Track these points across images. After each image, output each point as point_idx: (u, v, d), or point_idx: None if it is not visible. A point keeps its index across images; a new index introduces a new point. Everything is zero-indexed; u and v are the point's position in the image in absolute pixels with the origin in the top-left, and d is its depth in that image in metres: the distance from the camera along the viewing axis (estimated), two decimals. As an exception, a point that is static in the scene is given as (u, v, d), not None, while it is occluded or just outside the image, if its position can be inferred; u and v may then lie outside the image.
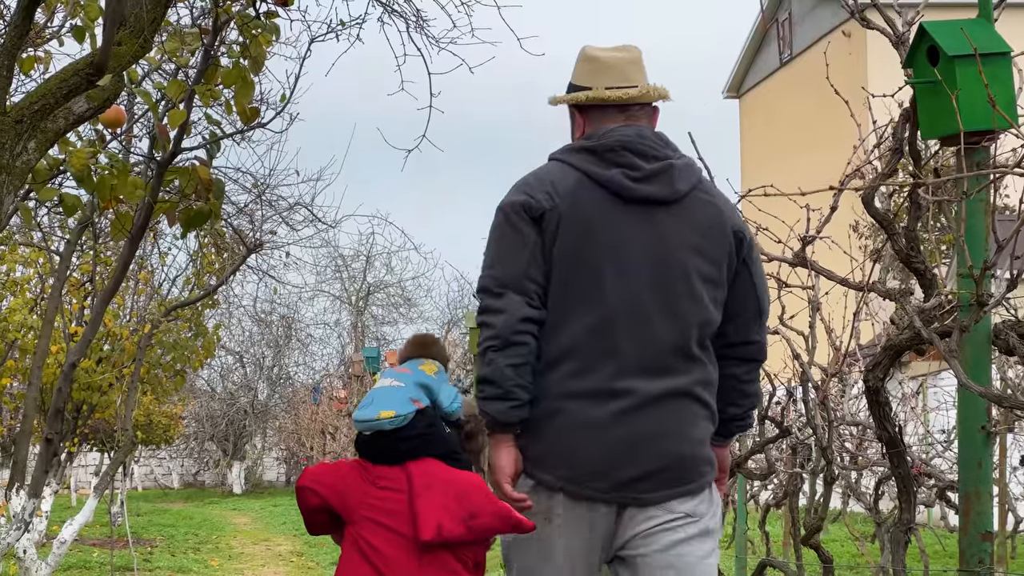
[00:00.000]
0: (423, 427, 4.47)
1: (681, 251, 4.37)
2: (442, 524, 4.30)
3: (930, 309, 4.56)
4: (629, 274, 4.33)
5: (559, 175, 4.41)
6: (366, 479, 4.44)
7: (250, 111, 6.32)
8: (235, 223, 12.17)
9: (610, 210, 4.35)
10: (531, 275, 4.30)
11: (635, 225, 4.35)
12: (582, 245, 4.33)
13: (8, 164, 4.36)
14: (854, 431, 9.70)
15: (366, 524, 4.37)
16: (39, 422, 11.07)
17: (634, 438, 4.28)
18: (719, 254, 4.41)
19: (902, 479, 4.99)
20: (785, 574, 6.97)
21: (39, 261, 12.19)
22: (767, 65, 43.22)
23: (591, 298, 4.32)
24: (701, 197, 4.45)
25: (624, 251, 4.34)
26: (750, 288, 4.49)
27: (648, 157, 4.40)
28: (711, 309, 4.40)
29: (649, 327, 4.32)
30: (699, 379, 4.40)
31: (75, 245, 9.76)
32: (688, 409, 4.37)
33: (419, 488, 4.36)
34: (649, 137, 4.45)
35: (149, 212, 6.67)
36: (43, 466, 8.84)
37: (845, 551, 18.56)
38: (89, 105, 4.72)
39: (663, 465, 4.31)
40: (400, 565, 4.28)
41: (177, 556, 19.33)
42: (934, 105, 4.43)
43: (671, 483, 4.34)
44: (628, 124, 4.48)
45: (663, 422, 4.32)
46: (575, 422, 4.29)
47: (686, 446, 4.37)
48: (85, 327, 9.11)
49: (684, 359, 4.37)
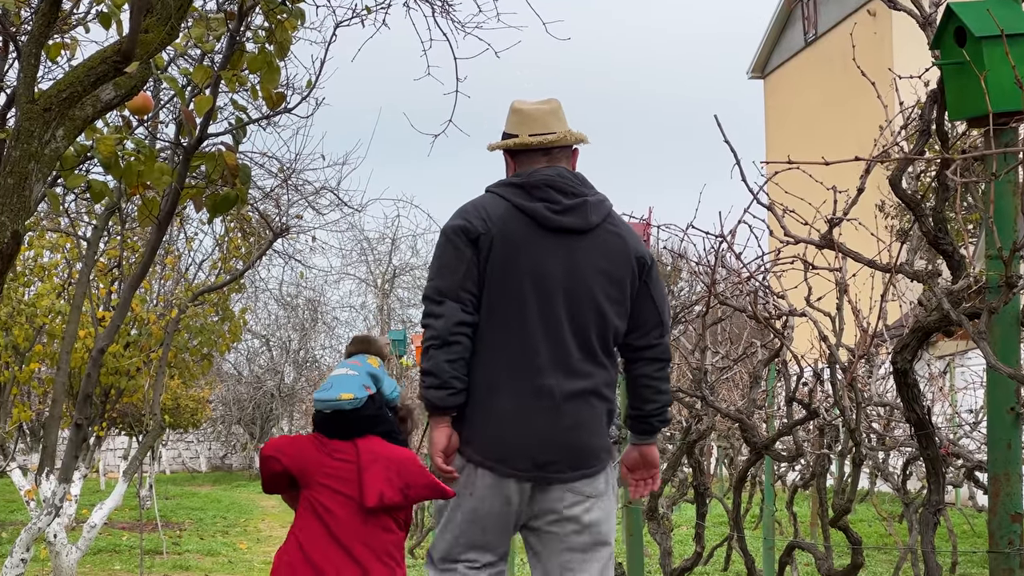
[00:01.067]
0: (373, 409, 5.35)
1: (589, 273, 5.31)
2: (383, 493, 5.19)
3: (958, 290, 4.54)
4: (546, 290, 5.26)
5: (492, 205, 5.34)
6: (322, 451, 5.29)
7: (276, 96, 6.33)
8: (261, 208, 12.20)
9: (532, 236, 5.28)
10: (466, 287, 5.22)
11: (552, 250, 5.29)
12: (509, 264, 5.25)
13: (37, 151, 4.38)
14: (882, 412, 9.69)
15: (321, 489, 5.23)
16: (68, 407, 11.13)
17: (551, 428, 5.22)
18: (622, 276, 5.35)
19: (930, 460, 4.98)
20: (814, 555, 6.97)
21: (67, 247, 12.23)
22: (792, 45, 43.09)
23: (515, 308, 5.25)
24: (610, 228, 5.40)
25: (542, 271, 5.27)
26: (650, 303, 5.43)
27: (567, 193, 5.34)
28: (615, 322, 5.35)
29: (562, 336, 5.25)
30: (604, 381, 5.38)
31: (103, 231, 9.79)
32: (594, 406, 5.34)
33: (366, 462, 5.23)
34: (568, 176, 5.40)
35: (176, 198, 6.69)
36: (73, 451, 8.87)
37: (873, 531, 18.55)
38: (116, 92, 4.74)
39: (573, 452, 5.28)
40: (347, 523, 5.19)
41: (205, 539, 19.40)
42: (962, 86, 4.42)
43: (577, 466, 5.28)
44: (550, 165, 5.42)
45: (574, 416, 5.27)
46: (502, 412, 5.20)
47: (591, 437, 5.35)
48: (113, 312, 9.14)
49: (592, 364, 5.32)
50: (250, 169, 6.64)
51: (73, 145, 5.51)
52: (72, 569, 10.96)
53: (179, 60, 7.87)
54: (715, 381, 7.79)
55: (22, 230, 4.42)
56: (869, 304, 6.28)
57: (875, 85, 5.22)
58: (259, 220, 12.33)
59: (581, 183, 5.42)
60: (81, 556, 11.11)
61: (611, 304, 5.33)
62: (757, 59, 45.14)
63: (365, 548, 5.23)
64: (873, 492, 14.08)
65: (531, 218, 5.29)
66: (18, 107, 4.46)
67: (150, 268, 10.70)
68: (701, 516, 8.02)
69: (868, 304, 6.31)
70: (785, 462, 9.49)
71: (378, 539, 5.25)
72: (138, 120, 7.03)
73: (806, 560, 14.19)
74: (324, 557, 5.20)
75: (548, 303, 5.25)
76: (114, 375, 12.04)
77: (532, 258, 5.26)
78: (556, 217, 5.29)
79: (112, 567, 15.55)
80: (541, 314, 5.24)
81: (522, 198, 5.32)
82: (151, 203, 6.94)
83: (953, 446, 8.29)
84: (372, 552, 5.22)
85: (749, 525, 18.33)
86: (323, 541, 5.21)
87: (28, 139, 4.36)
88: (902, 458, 10.57)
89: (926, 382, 11.46)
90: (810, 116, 40.08)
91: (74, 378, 11.35)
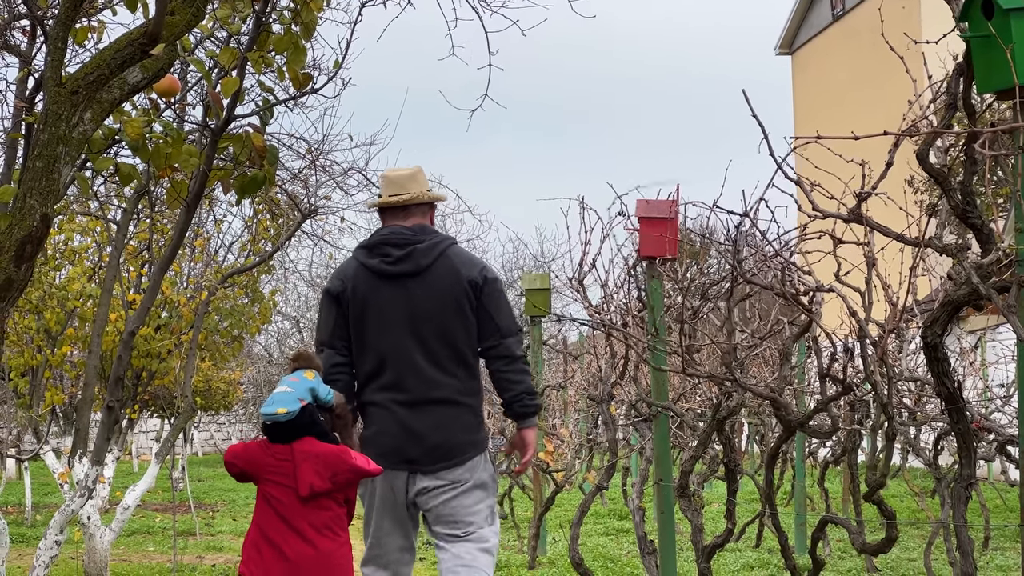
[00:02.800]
0: (306, 418, 6.44)
1: (428, 305, 6.71)
2: (313, 484, 6.37)
3: (988, 264, 4.53)
4: (393, 326, 6.72)
5: (349, 267, 6.93)
6: (266, 453, 6.51)
7: (302, 77, 6.34)
8: (289, 189, 12.21)
9: (376, 285, 6.76)
10: (337, 335, 6.83)
11: (393, 292, 6.73)
12: (362, 310, 6.78)
13: (65, 135, 4.40)
14: (912, 387, 9.67)
15: (269, 483, 6.49)
16: (100, 390, 11.17)
17: (413, 431, 6.69)
18: (458, 299, 6.71)
19: (962, 434, 4.97)
20: (847, 530, 6.96)
21: (96, 230, 12.28)
22: (819, 20, 42.93)
23: (372, 344, 6.77)
24: (443, 263, 6.75)
25: (388, 310, 6.73)
26: (486, 314, 6.75)
27: (399, 246, 6.75)
28: (461, 336, 6.73)
29: (413, 358, 6.70)
30: (458, 388, 6.75)
31: (132, 214, 9.82)
32: (451, 410, 6.73)
33: (299, 461, 6.42)
34: (402, 232, 6.81)
35: (204, 180, 6.71)
36: (105, 433, 8.91)
37: (905, 506, 18.52)
38: (143, 75, 4.75)
39: (433, 448, 6.68)
40: (291, 507, 6.43)
41: (238, 520, 19.48)
42: (989, 59, 4.40)
43: (439, 459, 6.69)
44: (401, 221, 6.88)
45: (432, 420, 6.69)
46: (377, 423, 6.78)
47: (449, 435, 6.71)
48: (143, 295, 9.17)
49: (444, 375, 6.72)
50: (278, 150, 6.66)
51: (101, 128, 5.53)
52: (106, 551, 11.02)
53: (205, 42, 7.88)
54: (744, 359, 7.78)
55: (51, 213, 4.44)
56: (898, 279, 6.26)
57: (903, 59, 5.20)
58: (287, 201, 12.34)
59: (417, 233, 6.82)
60: (115, 538, 11.16)
61: (452, 324, 6.72)
62: (784, 35, 44.99)
63: (308, 525, 6.48)
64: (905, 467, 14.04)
65: (372, 272, 6.78)
66: (46, 91, 4.47)
67: (179, 250, 10.73)
68: (732, 493, 8.02)
69: (897, 279, 6.29)
70: (820, 438, 9.48)
71: (318, 517, 6.49)
72: (165, 102, 7.04)
73: (838, 536, 14.19)
74: (277, 534, 6.50)
75: (395, 336, 6.73)
76: (145, 357, 12.08)
77: (378, 302, 6.75)
78: (389, 267, 6.75)
79: (146, 548, 15.63)
80: (390, 345, 6.73)
81: (366, 257, 6.85)
82: (179, 185, 6.96)
83: (984, 420, 8.26)
84: (313, 528, 6.48)
85: (780, 501, 18.33)
86: (275, 522, 6.51)
87: (56, 122, 4.38)
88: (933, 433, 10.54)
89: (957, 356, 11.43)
90: (838, 91, 39.94)
91: (106, 361, 11.39)
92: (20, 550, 14.55)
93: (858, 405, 10.23)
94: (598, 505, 19.32)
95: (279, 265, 22.39)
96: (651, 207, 8.03)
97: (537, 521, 12.92)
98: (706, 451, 9.87)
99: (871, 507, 6.47)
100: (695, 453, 8.24)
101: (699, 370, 7.26)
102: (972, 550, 5.16)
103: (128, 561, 13.89)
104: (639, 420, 9.27)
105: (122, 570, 12.57)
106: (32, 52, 7.50)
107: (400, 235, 6.80)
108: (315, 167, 12.02)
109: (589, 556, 12.84)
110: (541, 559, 13.02)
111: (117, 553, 14.34)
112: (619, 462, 10.77)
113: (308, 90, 7.02)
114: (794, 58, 45.07)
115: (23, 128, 6.72)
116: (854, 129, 5.07)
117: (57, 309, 11.84)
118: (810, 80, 43.34)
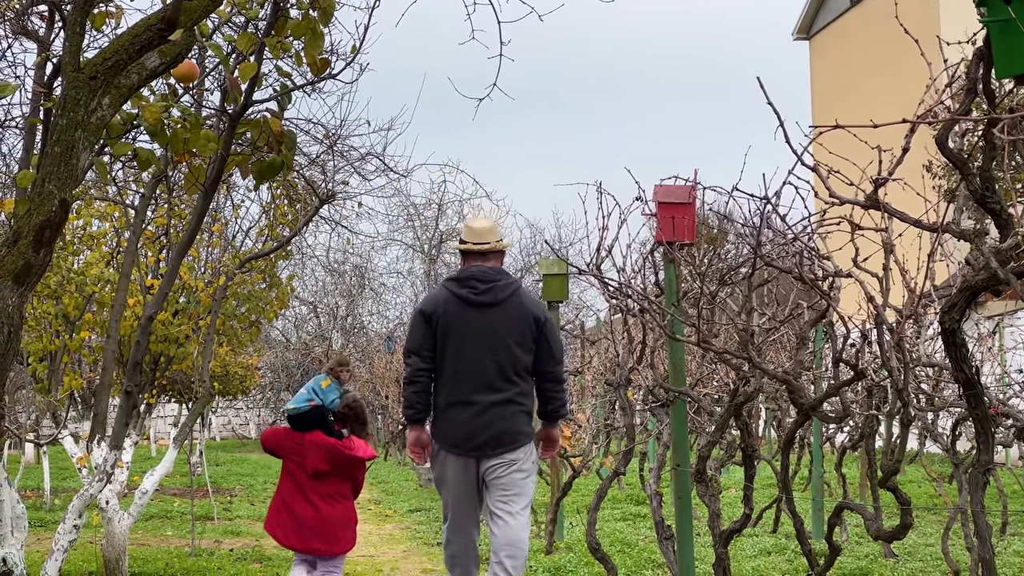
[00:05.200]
0: (315, 414, 9.07)
1: (500, 329, 8.52)
2: (317, 466, 8.97)
3: (1006, 249, 4.52)
4: (472, 343, 8.50)
5: (440, 294, 8.71)
6: (289, 439, 9.14)
7: (320, 62, 6.33)
8: (307, 174, 12.21)
9: (463, 311, 8.55)
10: (425, 346, 8.58)
11: (476, 317, 8.54)
12: (449, 329, 8.55)
13: (83, 120, 4.40)
14: (930, 372, 9.65)
15: (288, 461, 9.11)
16: (118, 374, 11.19)
17: (481, 424, 8.47)
18: (523, 329, 8.54)
19: (979, 420, 4.96)
20: (863, 516, 6.96)
21: (115, 215, 12.28)
22: (838, 5, 42.80)
23: (455, 361, 8.53)
24: (515, 301, 8.59)
25: (470, 331, 8.52)
26: (546, 346, 8.60)
27: (484, 281, 8.60)
28: (522, 357, 8.53)
29: (484, 369, 8.48)
30: (517, 392, 8.54)
31: (150, 199, 9.83)
32: (509, 408, 8.51)
33: (308, 448, 9.02)
34: (487, 271, 8.65)
35: (222, 165, 6.72)
36: (123, 418, 8.94)
37: (923, 492, 18.50)
38: (161, 60, 4.75)
39: (496, 437, 8.46)
40: (304, 481, 8.98)
41: (256, 505, 19.54)
42: (1008, 44, 4.38)
43: (501, 446, 8.47)
44: (482, 263, 8.72)
45: (496, 415, 8.49)
46: (452, 417, 8.54)
47: (508, 427, 8.49)
48: (161, 280, 9.18)
49: (506, 383, 8.51)
50: (295, 135, 6.66)
51: (119, 113, 5.53)
52: (124, 535, 11.05)
53: (223, 27, 7.88)
54: (762, 343, 7.78)
55: (70, 198, 4.45)
56: (916, 264, 6.25)
57: (919, 43, 5.19)
58: (305, 186, 12.34)
59: (496, 273, 8.67)
60: (133, 522, 11.19)
61: (517, 347, 8.54)
62: (802, 20, 44.87)
63: (315, 495, 9.02)
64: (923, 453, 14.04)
65: (461, 299, 8.58)
66: (64, 76, 4.48)
67: (197, 236, 10.74)
68: (749, 478, 8.01)
69: (915, 264, 6.27)
70: (832, 423, 9.48)
71: (324, 489, 9.03)
72: (183, 88, 7.05)
73: (855, 521, 14.18)
74: (292, 499, 9.03)
75: (473, 351, 8.50)
76: (163, 342, 12.08)
77: (463, 323, 8.54)
78: (476, 297, 8.57)
79: (164, 533, 15.67)
80: (469, 358, 8.50)
81: (456, 288, 8.64)
82: (197, 170, 6.97)
83: (1002, 406, 8.24)
84: (319, 496, 9.01)
85: (797, 487, 18.31)
86: (292, 490, 9.07)
87: (74, 107, 4.39)
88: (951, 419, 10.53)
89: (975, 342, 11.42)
90: (856, 76, 39.83)
91: (124, 346, 11.41)
92: (39, 534, 14.60)
93: (876, 391, 10.21)
94: (615, 490, 19.33)
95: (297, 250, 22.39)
96: (669, 192, 8.02)
97: (555, 506, 12.93)
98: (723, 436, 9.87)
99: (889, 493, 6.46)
100: (712, 438, 8.24)
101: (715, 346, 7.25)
102: (990, 536, 5.15)
103: (146, 545, 13.94)
104: (656, 405, 9.28)
105: (140, 554, 12.62)
106: (50, 37, 7.51)
107: (484, 273, 8.64)
108: (333, 152, 12.02)
109: (606, 541, 12.86)
110: (558, 544, 13.04)
111: (135, 537, 14.39)
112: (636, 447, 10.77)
113: (326, 75, 7.01)
114: (812, 43, 44.95)
115: (41, 113, 6.72)
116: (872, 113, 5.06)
117: (75, 294, 11.85)
118: (828, 65, 43.23)
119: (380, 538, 15.30)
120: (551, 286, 12.91)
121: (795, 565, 11.21)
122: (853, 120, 4.50)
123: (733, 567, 9.07)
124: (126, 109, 5.85)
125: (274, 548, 13.57)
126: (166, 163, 9.04)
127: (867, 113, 5.49)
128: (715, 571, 7.83)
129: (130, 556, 11.53)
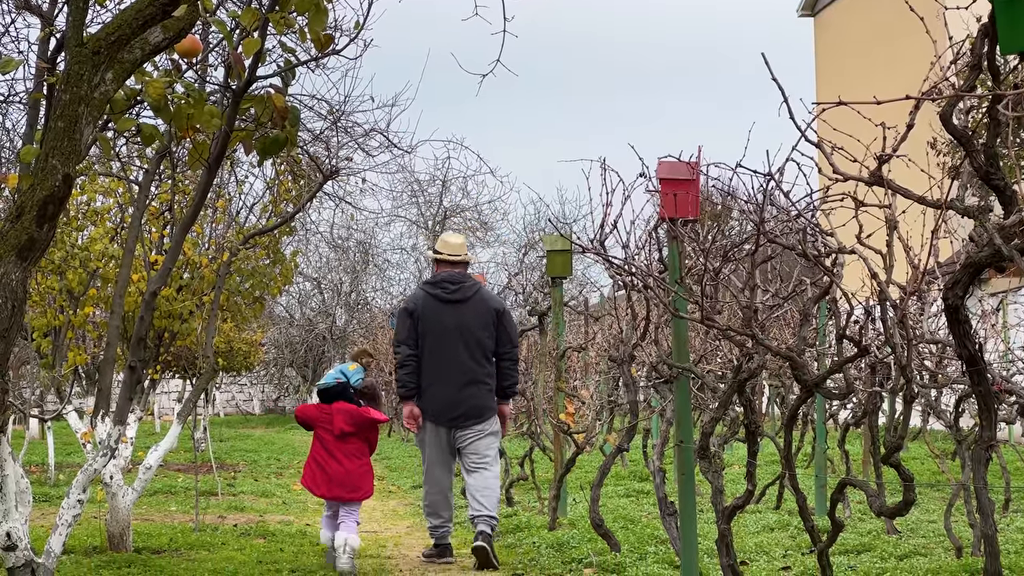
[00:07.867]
0: (340, 388, 10.70)
1: (470, 322, 10.93)
2: (343, 428, 10.52)
3: (1010, 226, 4.52)
4: (448, 336, 10.90)
5: (419, 294, 11.31)
6: (319, 411, 10.73)
7: (324, 38, 6.32)
8: (311, 150, 12.22)
9: (438, 307, 10.95)
10: (411, 337, 10.96)
11: (449, 312, 10.93)
12: (428, 325, 10.94)
13: (86, 95, 4.41)
14: (933, 349, 9.65)
15: (319, 428, 10.65)
16: (122, 350, 11.21)
17: (456, 400, 10.91)
18: (488, 321, 11.00)
19: (982, 396, 4.96)
20: (866, 492, 6.96)
21: (118, 191, 12.27)
22: (843, -19, 42.67)
23: (434, 348, 10.90)
24: (479, 297, 11.07)
25: (445, 326, 10.91)
26: (504, 333, 11.09)
27: (454, 283, 11.01)
28: (488, 344, 11.02)
29: (459, 357, 10.92)
30: (485, 373, 11.03)
31: (153, 174, 9.83)
32: (480, 387, 11.00)
33: (335, 413, 10.57)
34: (455, 275, 11.07)
35: (226, 140, 6.72)
36: (127, 393, 8.94)
37: (926, 469, 18.51)
38: (165, 35, 4.75)
39: (468, 411, 10.93)
40: (331, 442, 10.56)
41: (260, 481, 19.56)
42: (1013, 19, 4.37)
43: (471, 419, 10.94)
44: (451, 269, 11.10)
45: (468, 393, 10.95)
46: (434, 394, 10.95)
47: (478, 402, 10.97)
48: (165, 256, 9.19)
49: (476, 364, 10.96)
50: (299, 111, 6.66)
51: (123, 88, 5.53)
52: (128, 510, 11.08)
53: (227, 2, 7.87)
54: (765, 319, 7.77)
55: (73, 174, 4.45)
56: (920, 241, 6.24)
57: (924, 20, 5.18)
58: (309, 163, 12.34)
59: (463, 277, 11.11)
60: (137, 497, 11.22)
61: (484, 336, 10.99)
62: (807, -4, 44.71)
63: (341, 454, 10.55)
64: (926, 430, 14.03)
65: (436, 298, 11.00)
66: (68, 51, 4.48)
67: (201, 211, 10.75)
68: (753, 455, 8.02)
69: (919, 241, 6.26)
70: (835, 400, 9.47)
71: (348, 448, 10.58)
72: (187, 63, 7.04)
73: (858, 498, 14.19)
74: (322, 459, 10.59)
75: (448, 343, 10.89)
76: (167, 318, 12.09)
77: (439, 318, 10.92)
78: (448, 296, 10.97)
79: (168, 508, 15.71)
80: (445, 348, 10.88)
81: (431, 289, 11.12)
82: (201, 146, 6.97)
83: (1006, 383, 8.25)
84: (344, 455, 10.55)
85: (801, 464, 18.33)
86: (322, 452, 10.61)
87: (78, 82, 4.39)
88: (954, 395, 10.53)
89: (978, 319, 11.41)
90: (860, 52, 39.74)
91: (128, 321, 11.40)
92: (43, 509, 14.63)
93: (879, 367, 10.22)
94: (618, 467, 19.35)
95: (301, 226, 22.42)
96: (673, 168, 8.01)
97: (558, 483, 12.95)
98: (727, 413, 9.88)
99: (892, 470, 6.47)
100: (716, 415, 8.25)
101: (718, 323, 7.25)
102: (992, 512, 5.17)
103: (150, 520, 13.97)
104: (660, 382, 9.29)
105: (144, 529, 12.64)
106: (54, 12, 7.51)
107: (453, 277, 11.08)
108: (336, 128, 12.03)
109: (609, 517, 12.87)
110: (562, 520, 13.06)
111: (139, 512, 14.41)
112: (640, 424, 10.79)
113: (330, 51, 7.01)
114: (816, 20, 44.83)
115: (45, 89, 6.72)
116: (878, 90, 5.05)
117: (79, 269, 11.86)
118: (832, 42, 43.12)
119: (384, 514, 15.34)
120: (555, 262, 12.92)
121: (798, 541, 11.23)
122: (858, 97, 4.49)
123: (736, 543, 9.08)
124: (130, 84, 5.85)
125: (278, 524, 13.62)
126: (170, 139, 9.03)
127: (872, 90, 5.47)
128: (718, 547, 7.84)
129: (134, 531, 11.55)
